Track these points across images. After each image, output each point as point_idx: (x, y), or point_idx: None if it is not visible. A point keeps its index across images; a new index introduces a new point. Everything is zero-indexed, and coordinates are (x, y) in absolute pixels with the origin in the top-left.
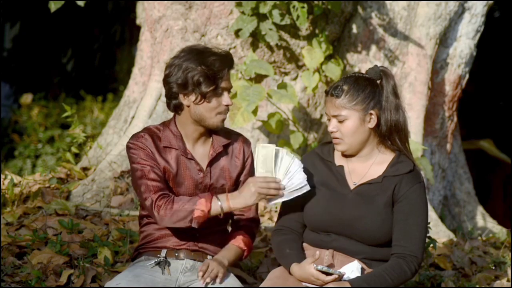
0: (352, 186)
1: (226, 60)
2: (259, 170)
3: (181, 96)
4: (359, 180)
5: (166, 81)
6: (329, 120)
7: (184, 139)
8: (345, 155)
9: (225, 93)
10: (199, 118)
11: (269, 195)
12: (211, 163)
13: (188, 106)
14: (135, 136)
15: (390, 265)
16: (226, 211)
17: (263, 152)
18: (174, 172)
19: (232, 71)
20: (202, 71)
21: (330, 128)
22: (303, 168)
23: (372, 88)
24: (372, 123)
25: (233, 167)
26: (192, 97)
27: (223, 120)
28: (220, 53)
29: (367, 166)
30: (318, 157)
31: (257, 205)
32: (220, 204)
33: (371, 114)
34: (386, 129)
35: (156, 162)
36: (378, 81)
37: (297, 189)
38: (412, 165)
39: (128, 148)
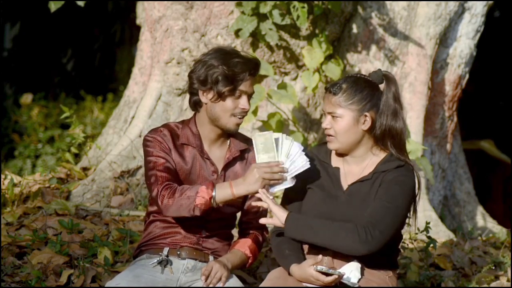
0: (345, 188)
1: (249, 64)
2: (261, 157)
3: (200, 92)
4: (353, 181)
5: (189, 76)
6: (325, 116)
7: (202, 139)
8: (341, 156)
9: (244, 97)
10: (214, 118)
11: (273, 179)
12: (226, 167)
13: (206, 104)
14: (153, 130)
15: (346, 224)
16: (230, 199)
17: (262, 140)
18: (188, 170)
19: None
20: (222, 70)
21: (324, 125)
22: (303, 149)
23: (370, 90)
24: (366, 125)
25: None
26: (210, 95)
27: (238, 124)
28: (246, 57)
29: (362, 168)
30: (315, 158)
31: (266, 212)
32: (223, 190)
33: (365, 116)
34: (379, 133)
35: (170, 157)
36: (381, 85)
37: (299, 172)
38: (403, 163)
39: (145, 141)
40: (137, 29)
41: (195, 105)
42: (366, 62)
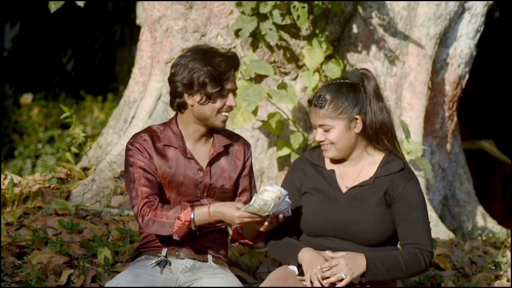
0: (344, 190)
1: (232, 61)
2: (254, 207)
3: (185, 95)
4: (351, 183)
5: (171, 80)
6: (315, 129)
7: (185, 138)
8: (335, 159)
9: (230, 95)
10: (202, 118)
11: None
12: (211, 162)
13: (192, 106)
14: (134, 137)
15: (406, 252)
16: (208, 223)
17: (272, 196)
18: (173, 171)
19: None
20: (208, 71)
21: (317, 138)
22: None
23: (354, 93)
24: (358, 128)
25: (233, 167)
26: (197, 97)
27: (225, 120)
28: (226, 54)
29: (358, 169)
30: (308, 163)
31: None
32: (202, 217)
33: (356, 119)
34: (372, 132)
35: (152, 164)
36: (360, 84)
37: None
38: (402, 164)
39: (127, 149)
40: (137, 29)
41: (179, 107)
42: (366, 62)
